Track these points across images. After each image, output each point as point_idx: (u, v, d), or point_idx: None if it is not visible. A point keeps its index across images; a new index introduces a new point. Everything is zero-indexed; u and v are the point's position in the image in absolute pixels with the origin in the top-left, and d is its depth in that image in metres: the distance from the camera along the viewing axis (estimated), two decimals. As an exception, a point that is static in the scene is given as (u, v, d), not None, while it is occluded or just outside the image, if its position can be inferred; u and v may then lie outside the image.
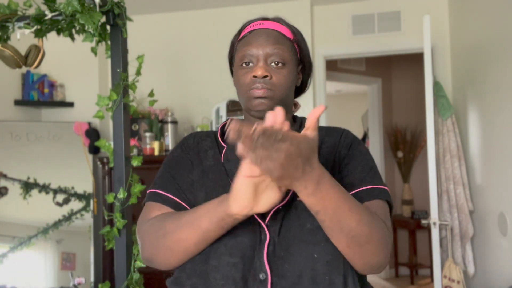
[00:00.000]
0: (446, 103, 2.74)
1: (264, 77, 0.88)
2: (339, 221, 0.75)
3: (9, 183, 2.71)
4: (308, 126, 0.70)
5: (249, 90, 0.90)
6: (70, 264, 2.73)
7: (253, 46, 0.91)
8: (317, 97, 3.23)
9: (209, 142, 0.98)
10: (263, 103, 0.89)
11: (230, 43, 1.01)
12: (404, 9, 3.15)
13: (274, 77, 0.89)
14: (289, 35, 0.95)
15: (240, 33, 0.98)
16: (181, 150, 0.98)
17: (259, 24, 0.94)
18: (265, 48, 0.90)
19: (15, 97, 2.97)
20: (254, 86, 0.89)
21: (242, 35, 0.95)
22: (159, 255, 0.85)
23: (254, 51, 0.91)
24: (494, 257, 2.37)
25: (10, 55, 1.58)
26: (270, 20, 0.95)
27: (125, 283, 1.59)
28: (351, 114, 6.82)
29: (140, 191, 1.64)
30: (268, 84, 0.89)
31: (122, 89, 1.60)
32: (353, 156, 0.92)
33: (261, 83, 0.88)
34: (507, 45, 2.13)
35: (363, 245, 0.77)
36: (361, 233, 0.76)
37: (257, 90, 0.89)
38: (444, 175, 2.72)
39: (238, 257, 0.81)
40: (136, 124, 3.01)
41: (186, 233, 0.80)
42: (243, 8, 3.21)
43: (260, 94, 0.88)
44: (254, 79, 0.89)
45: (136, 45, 2.62)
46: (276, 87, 0.89)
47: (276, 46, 0.91)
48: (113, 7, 1.56)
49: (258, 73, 0.88)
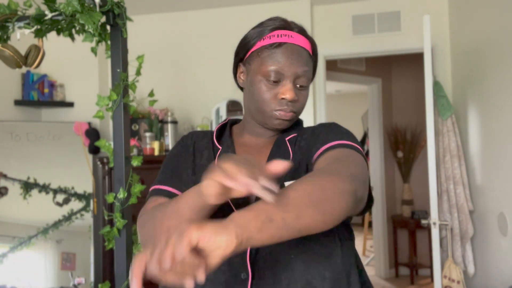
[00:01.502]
0: (446, 103, 2.74)
1: (292, 100, 0.90)
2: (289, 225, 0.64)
3: (9, 183, 2.71)
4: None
5: (275, 110, 0.90)
6: (70, 264, 2.73)
7: (284, 65, 0.89)
8: (317, 97, 3.23)
9: (205, 142, 0.99)
10: (285, 123, 0.92)
11: (246, 39, 0.95)
12: (404, 9, 3.15)
13: (299, 99, 0.91)
14: (311, 51, 0.95)
15: (262, 35, 0.92)
16: (181, 147, 0.99)
17: (288, 37, 0.90)
18: (296, 70, 0.89)
19: (15, 97, 2.97)
20: (282, 109, 0.90)
21: (269, 43, 0.90)
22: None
23: (285, 70, 0.89)
24: (494, 257, 2.37)
25: (10, 55, 1.58)
26: (296, 32, 0.92)
27: (125, 283, 1.59)
28: (351, 114, 6.82)
29: (140, 191, 1.64)
30: (294, 108, 0.91)
31: (122, 89, 1.60)
32: (328, 130, 0.91)
33: (289, 106, 0.90)
34: (507, 45, 2.13)
35: (316, 219, 0.66)
36: (312, 219, 0.66)
37: (285, 113, 0.90)
38: (444, 175, 2.72)
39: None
40: (136, 124, 3.01)
41: (171, 222, 0.77)
42: (243, 8, 3.21)
43: (287, 118, 0.90)
44: (282, 101, 0.90)
45: (136, 45, 2.63)
46: (299, 109, 0.93)
47: (305, 69, 0.91)
48: (113, 7, 1.56)
49: (288, 97, 0.88)
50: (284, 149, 0.94)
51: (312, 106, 3.13)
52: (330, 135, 0.88)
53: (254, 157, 0.92)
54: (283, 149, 0.94)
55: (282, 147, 0.94)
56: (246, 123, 0.99)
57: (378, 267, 4.64)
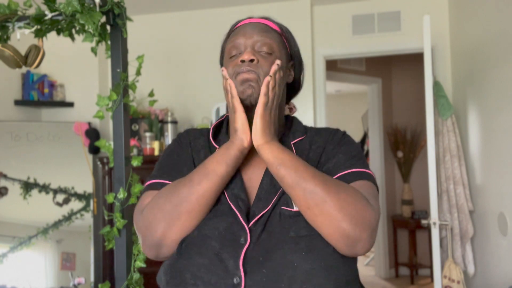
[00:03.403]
0: (446, 103, 2.74)
1: (250, 60, 0.87)
2: (296, 172, 0.80)
3: (9, 183, 2.71)
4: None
5: (236, 75, 0.88)
6: (70, 264, 2.73)
7: (239, 36, 0.91)
8: (317, 97, 3.23)
9: (202, 141, 0.97)
10: (251, 85, 0.87)
11: (221, 48, 1.00)
12: (404, 9, 3.15)
13: (262, 61, 0.88)
14: (276, 28, 0.95)
15: (228, 36, 0.98)
16: (178, 144, 0.98)
17: (245, 21, 0.96)
18: (252, 37, 0.90)
19: (15, 97, 2.97)
20: (240, 70, 0.87)
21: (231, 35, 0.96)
22: (176, 224, 0.82)
23: (241, 40, 0.91)
24: (494, 257, 2.37)
25: (10, 55, 1.58)
26: (257, 17, 0.97)
27: (125, 283, 1.59)
28: (351, 114, 6.81)
29: (140, 191, 1.64)
30: (255, 68, 0.87)
31: (122, 89, 1.60)
32: (339, 148, 0.92)
33: (246, 66, 0.87)
34: (507, 45, 2.13)
35: (321, 204, 0.77)
36: (317, 190, 0.78)
37: (243, 73, 0.87)
38: (444, 175, 2.72)
39: (207, 259, 0.79)
40: (136, 124, 3.01)
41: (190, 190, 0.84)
42: (243, 8, 3.21)
43: (246, 76, 0.87)
44: (241, 64, 0.88)
45: (136, 45, 2.62)
46: (264, 72, 0.87)
47: (263, 35, 0.91)
48: (113, 7, 1.56)
49: (245, 57, 0.87)
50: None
51: (312, 106, 3.13)
52: (341, 156, 0.90)
53: (254, 157, 0.92)
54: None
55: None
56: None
57: (378, 267, 4.64)
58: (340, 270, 0.79)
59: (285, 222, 0.82)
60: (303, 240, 0.79)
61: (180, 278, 0.80)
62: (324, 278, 0.77)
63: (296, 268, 0.77)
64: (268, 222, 0.82)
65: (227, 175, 0.86)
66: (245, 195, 0.87)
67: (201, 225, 0.84)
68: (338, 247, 0.79)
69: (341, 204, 0.78)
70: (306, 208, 0.79)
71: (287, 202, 0.84)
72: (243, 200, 0.86)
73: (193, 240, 0.82)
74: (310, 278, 0.76)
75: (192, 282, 0.79)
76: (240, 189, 0.87)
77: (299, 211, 0.82)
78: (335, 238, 0.78)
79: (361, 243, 0.78)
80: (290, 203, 0.84)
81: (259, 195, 0.86)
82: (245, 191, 0.88)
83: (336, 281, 0.78)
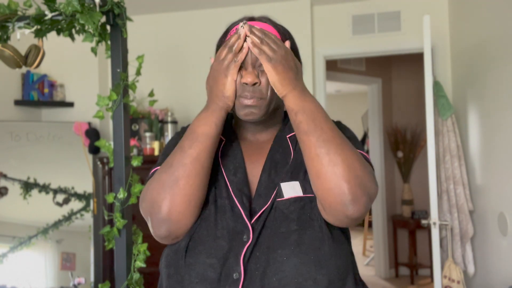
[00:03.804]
0: (446, 103, 2.74)
1: (253, 84, 0.86)
2: (314, 121, 0.81)
3: (9, 183, 2.71)
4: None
5: (239, 98, 0.87)
6: (70, 264, 2.73)
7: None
8: (317, 97, 3.23)
9: None
10: (253, 112, 0.87)
11: (216, 47, 0.98)
12: (404, 9, 3.15)
13: (263, 80, 0.87)
14: (275, 32, 0.92)
15: (225, 36, 0.95)
16: (181, 136, 0.98)
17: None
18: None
19: (15, 97, 2.97)
20: (243, 95, 0.86)
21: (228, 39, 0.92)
22: (176, 193, 0.82)
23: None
24: (494, 257, 2.37)
25: (10, 55, 1.58)
26: (256, 20, 0.93)
27: (125, 283, 1.59)
28: (351, 114, 6.82)
29: (140, 191, 1.64)
30: (258, 92, 0.86)
31: (122, 89, 1.60)
32: None
33: (251, 92, 0.86)
34: (507, 45, 2.13)
35: (332, 154, 0.77)
36: (331, 139, 0.79)
37: (246, 99, 0.87)
38: (444, 175, 2.72)
39: (215, 259, 0.81)
40: (136, 124, 3.01)
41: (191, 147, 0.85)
42: (243, 8, 3.20)
43: (250, 103, 0.86)
44: (244, 87, 0.86)
45: (136, 45, 2.63)
46: (266, 92, 0.87)
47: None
48: (113, 7, 1.56)
49: (248, 80, 0.85)
50: (285, 146, 0.94)
51: (312, 106, 3.13)
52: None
53: (254, 152, 0.93)
54: (284, 147, 0.94)
55: (283, 144, 0.94)
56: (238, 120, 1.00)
57: (378, 267, 4.64)
58: (331, 264, 0.80)
59: (279, 216, 0.84)
60: (293, 235, 0.81)
61: (184, 276, 0.82)
62: (315, 271, 0.78)
63: (289, 262, 0.79)
64: (268, 218, 0.85)
65: (217, 136, 0.86)
66: (248, 190, 0.89)
67: (209, 224, 0.85)
68: (332, 207, 0.78)
69: (353, 162, 0.78)
70: (315, 155, 0.79)
71: (279, 193, 0.86)
72: (247, 195, 0.88)
73: (201, 239, 0.84)
74: (301, 272, 0.78)
75: (196, 280, 0.81)
76: (243, 183, 0.90)
77: (290, 199, 0.85)
78: (333, 193, 0.77)
79: (356, 206, 0.77)
80: (281, 193, 0.86)
81: (259, 191, 0.88)
82: (248, 186, 0.90)
83: (328, 275, 0.79)
